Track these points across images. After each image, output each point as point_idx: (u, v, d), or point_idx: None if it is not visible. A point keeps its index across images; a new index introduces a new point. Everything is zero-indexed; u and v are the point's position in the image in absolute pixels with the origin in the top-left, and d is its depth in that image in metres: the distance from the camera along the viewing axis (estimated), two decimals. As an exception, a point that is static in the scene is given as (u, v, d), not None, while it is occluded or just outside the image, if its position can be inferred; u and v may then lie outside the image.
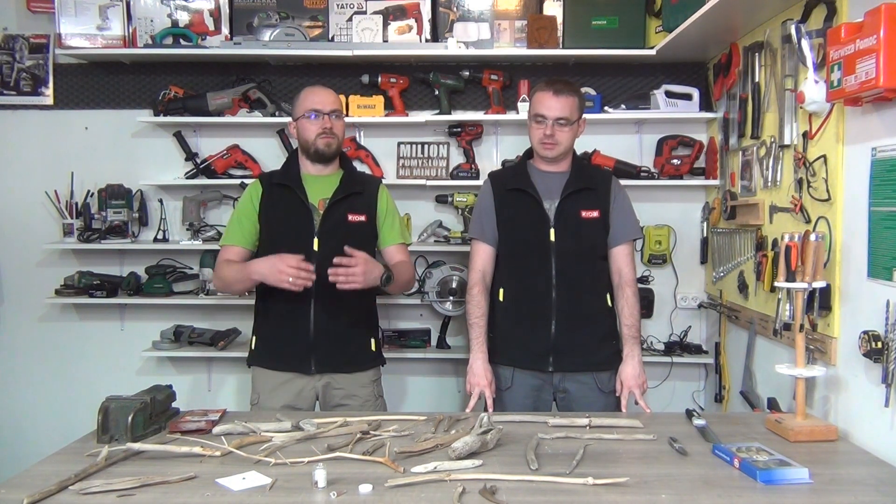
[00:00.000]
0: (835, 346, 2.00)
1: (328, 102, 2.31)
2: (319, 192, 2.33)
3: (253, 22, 3.19)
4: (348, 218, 2.33)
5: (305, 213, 2.30)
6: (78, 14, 3.09)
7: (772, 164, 2.43)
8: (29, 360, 3.37)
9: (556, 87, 2.24)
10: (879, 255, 1.79)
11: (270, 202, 2.34)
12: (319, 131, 2.28)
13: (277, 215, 2.32)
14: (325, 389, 2.33)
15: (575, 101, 2.25)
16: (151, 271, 3.25)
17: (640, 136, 3.25)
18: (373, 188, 2.42)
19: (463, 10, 3.19)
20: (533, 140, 2.31)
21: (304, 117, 2.30)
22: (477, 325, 2.32)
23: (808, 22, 2.15)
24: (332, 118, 2.29)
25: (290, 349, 2.30)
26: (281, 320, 2.29)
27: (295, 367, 2.31)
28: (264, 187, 2.36)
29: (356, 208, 2.35)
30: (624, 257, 2.34)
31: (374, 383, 2.40)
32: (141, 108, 3.27)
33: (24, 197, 3.31)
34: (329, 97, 2.32)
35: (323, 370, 2.31)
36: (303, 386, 2.31)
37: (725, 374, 2.97)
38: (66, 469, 1.60)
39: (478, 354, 2.30)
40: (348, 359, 2.34)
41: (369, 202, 2.38)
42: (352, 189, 2.35)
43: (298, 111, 2.33)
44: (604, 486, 1.53)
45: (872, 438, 1.82)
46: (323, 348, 2.29)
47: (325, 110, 2.29)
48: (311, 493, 1.51)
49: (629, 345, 2.30)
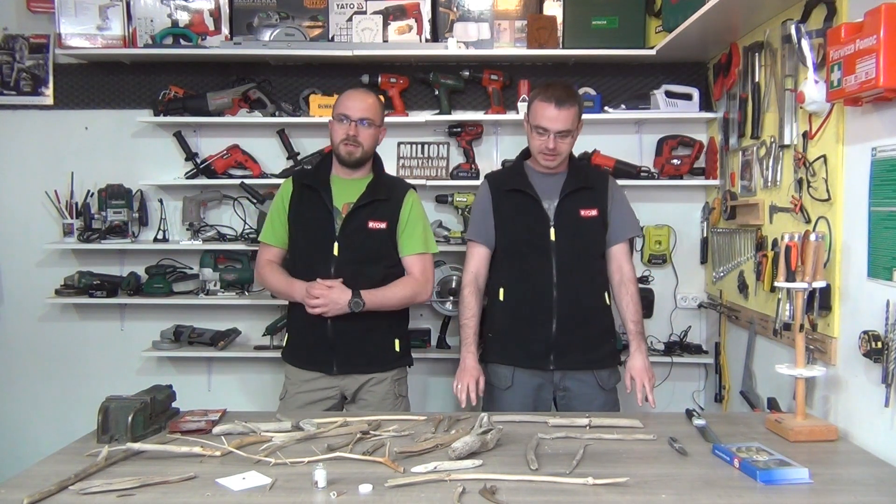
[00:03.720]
0: (835, 346, 2.00)
1: (358, 109, 2.27)
2: (345, 196, 2.32)
3: (253, 22, 3.19)
4: (368, 224, 2.31)
5: (328, 217, 2.30)
6: (78, 14, 3.09)
7: (772, 164, 2.43)
8: (29, 360, 3.37)
9: (557, 97, 2.19)
10: (879, 255, 1.79)
11: (298, 203, 2.36)
12: (344, 137, 2.26)
13: (303, 217, 2.34)
14: (350, 388, 2.35)
15: (576, 111, 2.23)
16: (151, 271, 3.25)
17: (640, 136, 3.25)
18: (399, 195, 2.38)
19: (463, 10, 3.19)
20: (532, 148, 2.30)
21: (335, 119, 2.29)
22: (468, 325, 2.33)
23: (808, 22, 2.15)
24: (358, 126, 2.26)
25: (314, 350, 2.34)
26: (306, 322, 2.30)
27: (319, 367, 2.34)
28: (295, 187, 2.38)
29: (378, 215, 2.33)
30: (623, 255, 2.36)
31: (395, 383, 2.40)
32: (141, 108, 3.26)
33: (24, 197, 3.31)
34: (361, 104, 2.28)
35: (345, 370, 2.33)
36: (327, 385, 2.34)
37: (725, 374, 2.97)
38: (66, 469, 1.60)
39: (467, 354, 2.31)
40: (369, 359, 2.35)
41: (393, 209, 2.35)
42: (376, 195, 2.33)
43: (334, 111, 2.32)
44: (604, 486, 1.53)
45: (872, 438, 1.82)
46: (343, 349, 2.31)
47: (353, 117, 2.26)
48: (311, 493, 1.51)
49: (636, 339, 2.31)
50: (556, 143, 2.22)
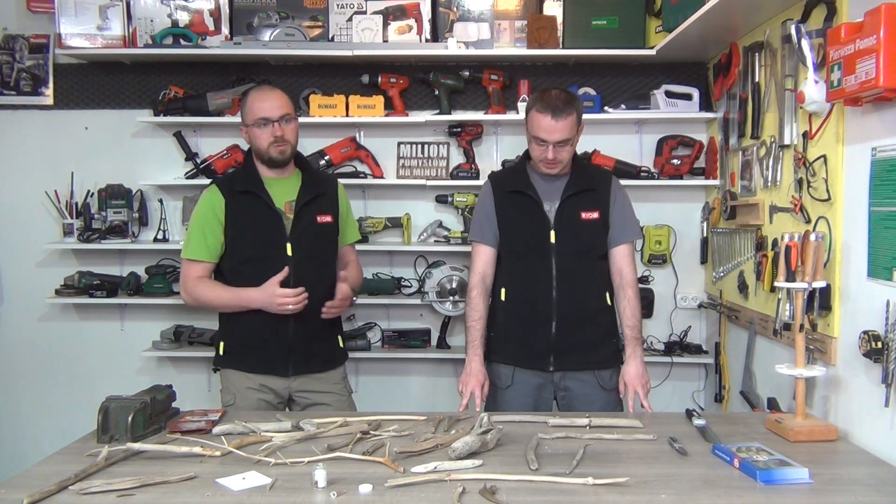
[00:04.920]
0: (835, 346, 2.00)
1: (276, 108, 2.21)
2: (283, 196, 2.28)
3: (253, 22, 3.19)
4: (317, 219, 2.31)
5: (275, 219, 2.25)
6: (78, 14, 3.09)
7: (772, 164, 2.43)
8: (29, 360, 3.37)
9: (554, 107, 2.15)
10: (879, 255, 1.79)
11: (236, 211, 2.25)
12: (271, 139, 2.21)
13: (245, 223, 2.26)
14: (298, 390, 2.33)
15: (574, 117, 2.19)
16: (151, 271, 3.25)
17: (640, 136, 3.25)
18: (333, 188, 2.42)
19: (463, 10, 3.19)
20: (533, 157, 2.28)
21: (253, 125, 2.23)
22: (474, 328, 2.32)
23: (808, 22, 2.15)
24: (282, 124, 2.21)
25: (267, 353, 2.28)
26: (257, 326, 2.24)
27: (270, 370, 2.29)
28: (225, 195, 2.26)
29: (323, 209, 2.33)
30: (624, 257, 2.34)
31: (344, 380, 2.43)
32: (141, 108, 3.27)
33: (24, 197, 3.31)
34: (277, 101, 2.22)
35: (299, 371, 2.31)
36: (277, 387, 2.31)
37: (725, 374, 2.97)
38: (66, 469, 1.60)
39: (473, 357, 2.31)
40: (323, 358, 2.36)
41: (332, 202, 2.38)
42: (316, 190, 2.33)
43: (248, 118, 2.23)
44: (604, 486, 1.53)
45: (872, 438, 1.82)
46: (301, 350, 2.29)
47: (273, 117, 2.20)
48: (311, 493, 1.51)
49: (631, 345, 2.30)
50: (555, 153, 2.20)
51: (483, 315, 2.34)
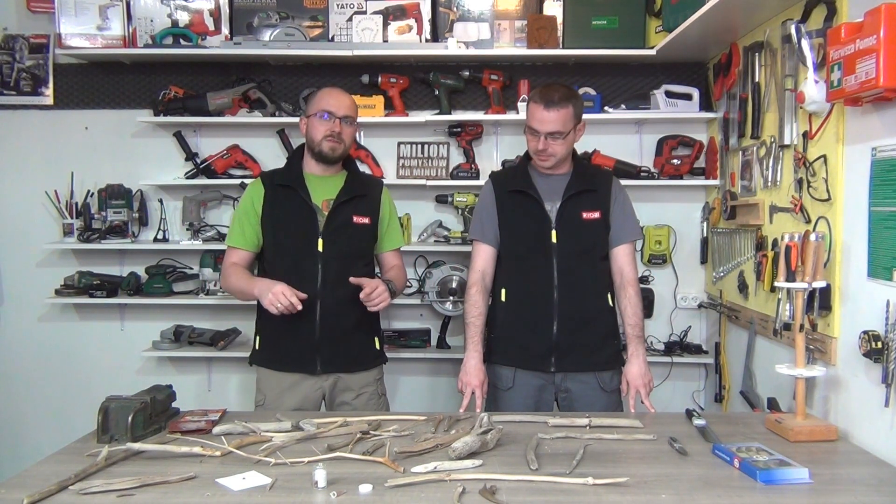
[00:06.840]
0: (835, 346, 2.00)
1: (342, 107, 2.29)
2: (323, 193, 2.32)
3: (253, 22, 3.19)
4: (353, 219, 2.33)
5: (309, 214, 2.29)
6: (78, 14, 3.09)
7: (772, 164, 2.43)
8: (29, 360, 3.37)
9: (547, 99, 2.18)
10: (879, 255, 1.79)
11: (273, 203, 2.32)
12: (327, 133, 2.26)
13: (281, 216, 2.31)
14: (332, 389, 2.34)
15: (569, 112, 2.20)
16: (151, 271, 3.25)
17: (640, 136, 3.25)
18: (376, 191, 2.42)
19: (463, 10, 3.19)
20: (528, 148, 2.31)
21: (315, 116, 2.28)
22: (473, 324, 2.33)
23: (808, 22, 2.15)
24: (342, 123, 2.28)
25: (295, 349, 2.30)
26: (286, 321, 2.25)
27: (300, 368, 2.30)
28: (266, 188, 2.34)
29: (361, 210, 2.35)
30: (625, 257, 2.34)
31: (377, 381, 2.41)
32: (141, 108, 3.27)
33: (24, 197, 3.31)
34: (345, 102, 2.30)
35: (328, 370, 2.31)
36: (309, 387, 2.31)
37: (725, 374, 2.97)
38: (66, 469, 1.60)
39: (472, 353, 2.31)
40: (353, 358, 2.35)
41: (373, 205, 2.39)
42: (356, 191, 2.35)
43: (312, 108, 2.31)
44: (604, 486, 1.53)
45: (872, 438, 1.82)
46: (328, 348, 2.29)
47: (337, 114, 2.27)
48: (311, 493, 1.51)
49: (633, 344, 2.30)
50: (546, 145, 2.21)
51: (482, 312, 2.34)
